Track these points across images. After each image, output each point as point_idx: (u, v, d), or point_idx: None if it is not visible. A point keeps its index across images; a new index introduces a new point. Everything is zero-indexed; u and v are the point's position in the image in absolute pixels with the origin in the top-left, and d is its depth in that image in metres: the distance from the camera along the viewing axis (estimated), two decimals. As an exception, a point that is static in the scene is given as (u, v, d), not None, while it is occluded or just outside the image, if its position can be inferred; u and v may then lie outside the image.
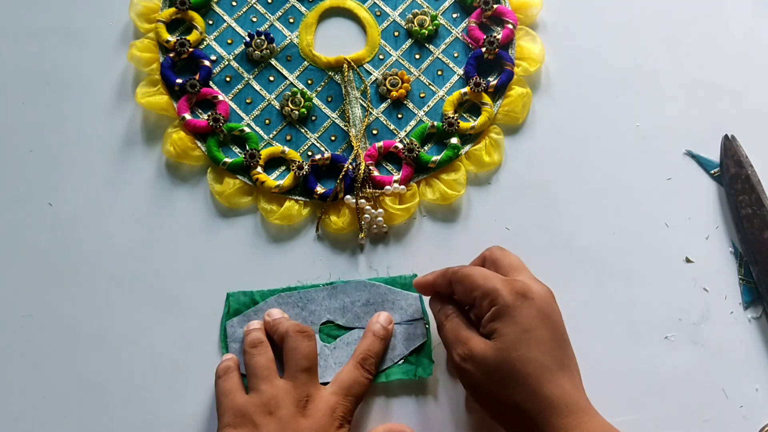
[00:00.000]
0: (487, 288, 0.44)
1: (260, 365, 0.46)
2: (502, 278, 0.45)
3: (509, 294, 0.43)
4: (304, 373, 0.46)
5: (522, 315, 0.43)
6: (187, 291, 0.52)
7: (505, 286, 0.44)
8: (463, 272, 0.46)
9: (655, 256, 0.53)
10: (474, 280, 0.45)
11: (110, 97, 0.57)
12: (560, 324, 0.44)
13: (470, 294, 0.45)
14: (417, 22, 0.58)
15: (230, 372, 0.47)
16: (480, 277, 0.45)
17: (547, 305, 0.44)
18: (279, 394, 0.45)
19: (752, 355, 0.51)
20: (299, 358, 0.46)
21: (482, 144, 0.56)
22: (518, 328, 0.42)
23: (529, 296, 0.43)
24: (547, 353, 0.42)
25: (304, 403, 0.45)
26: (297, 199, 0.54)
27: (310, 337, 0.48)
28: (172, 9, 0.58)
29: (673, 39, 0.59)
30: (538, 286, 0.44)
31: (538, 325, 0.43)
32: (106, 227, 0.54)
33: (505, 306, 0.43)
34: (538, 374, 0.41)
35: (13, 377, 0.51)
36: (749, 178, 0.54)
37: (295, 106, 0.56)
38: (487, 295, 0.44)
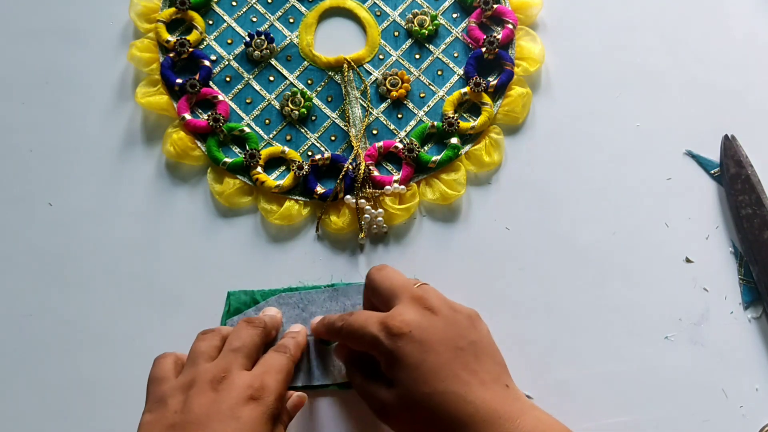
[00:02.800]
0: (367, 340, 0.43)
1: (195, 349, 0.45)
2: (378, 320, 0.43)
3: (386, 339, 0.42)
4: (232, 353, 0.44)
5: (406, 355, 0.41)
6: (187, 291, 0.52)
7: (381, 331, 0.42)
8: (345, 329, 0.44)
9: (655, 256, 0.53)
10: (354, 333, 0.43)
11: (110, 97, 0.57)
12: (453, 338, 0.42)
13: (358, 347, 0.44)
14: (417, 22, 0.58)
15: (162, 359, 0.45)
16: (358, 328, 0.43)
17: (426, 330, 0.42)
18: (198, 374, 0.42)
19: (752, 355, 0.51)
20: (233, 338, 0.45)
21: (482, 144, 0.56)
22: (409, 369, 0.41)
23: (405, 333, 0.41)
24: (449, 377, 0.40)
25: (219, 379, 0.42)
26: (297, 199, 0.54)
27: (255, 326, 0.46)
28: (172, 9, 0.58)
29: (673, 39, 0.59)
30: (410, 314, 0.42)
31: (426, 358, 0.41)
32: (106, 227, 0.54)
33: (388, 352, 0.41)
34: (449, 402, 0.40)
35: (13, 377, 0.51)
36: (749, 178, 0.54)
37: (295, 106, 0.56)
38: (371, 346, 0.43)
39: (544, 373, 0.51)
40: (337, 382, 0.50)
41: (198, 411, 0.40)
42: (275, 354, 0.45)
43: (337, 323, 0.45)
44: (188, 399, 0.41)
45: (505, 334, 0.51)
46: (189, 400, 0.41)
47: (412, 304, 0.43)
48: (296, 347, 0.47)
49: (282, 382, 0.43)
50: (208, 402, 0.41)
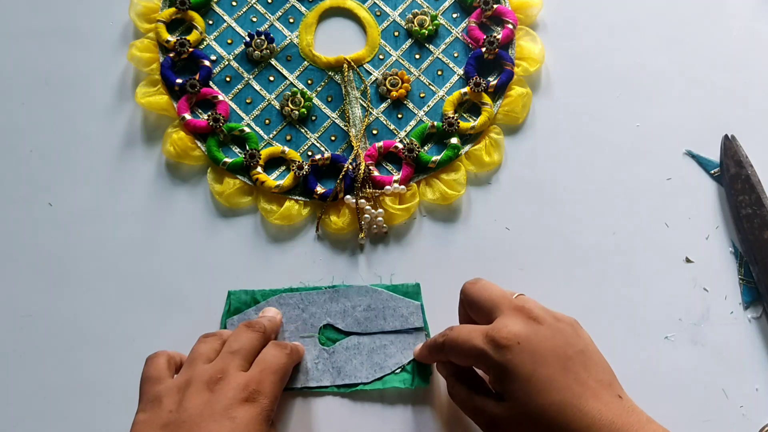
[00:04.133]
0: (474, 353, 0.41)
1: (195, 351, 0.45)
2: (483, 333, 0.42)
3: (494, 352, 0.40)
4: (230, 355, 0.44)
5: (516, 366, 0.40)
6: (187, 291, 0.52)
7: (488, 343, 0.41)
8: (448, 344, 0.43)
9: (655, 256, 0.53)
10: (459, 348, 0.42)
11: (110, 97, 0.57)
12: (561, 347, 0.41)
13: (467, 364, 0.43)
14: (417, 22, 0.58)
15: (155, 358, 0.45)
16: (463, 341, 0.42)
17: (534, 340, 0.41)
18: (195, 374, 0.43)
19: (752, 355, 0.51)
20: (232, 341, 0.45)
21: (482, 144, 0.56)
22: (521, 381, 0.40)
23: (513, 345, 0.40)
24: (562, 388, 0.39)
25: (215, 380, 0.42)
26: (297, 199, 0.54)
27: (255, 330, 0.46)
28: (172, 9, 0.58)
29: (673, 39, 0.59)
30: (515, 325, 0.41)
31: (537, 369, 0.40)
32: (106, 227, 0.54)
33: (498, 366, 0.40)
34: (565, 414, 0.39)
35: (13, 377, 0.51)
36: (749, 178, 0.54)
37: (295, 106, 0.56)
38: (478, 360, 0.42)
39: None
40: (335, 384, 0.50)
41: (193, 411, 0.40)
42: (275, 350, 0.45)
43: (439, 339, 0.44)
44: (184, 399, 0.41)
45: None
46: (184, 399, 0.41)
47: (515, 314, 0.42)
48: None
49: (278, 383, 0.43)
50: (204, 402, 0.41)
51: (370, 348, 0.50)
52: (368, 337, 0.51)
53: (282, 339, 0.51)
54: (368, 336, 0.51)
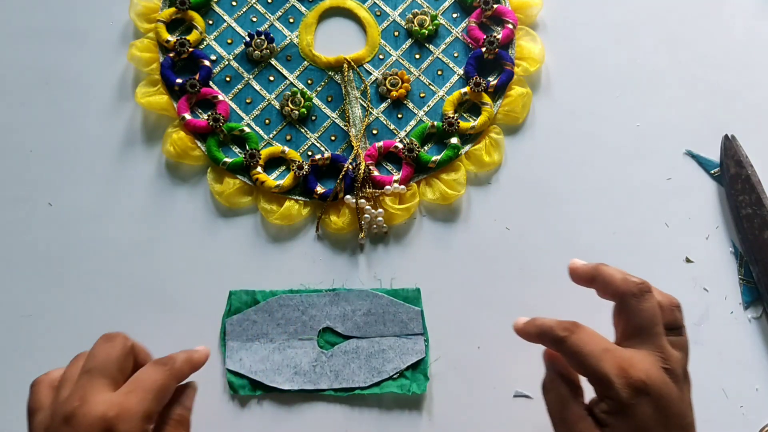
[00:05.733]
0: (599, 376, 0.39)
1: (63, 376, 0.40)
2: (618, 361, 0.39)
3: (624, 388, 0.38)
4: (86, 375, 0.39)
5: (637, 415, 0.38)
6: (187, 291, 0.52)
7: (620, 377, 0.38)
8: (570, 345, 0.40)
9: (655, 256, 0.53)
10: (584, 361, 0.39)
11: (110, 97, 0.57)
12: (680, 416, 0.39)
13: (581, 373, 0.40)
14: (417, 22, 0.58)
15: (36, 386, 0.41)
16: (588, 355, 0.39)
17: (664, 398, 0.38)
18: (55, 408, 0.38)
19: (752, 355, 0.51)
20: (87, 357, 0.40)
21: (482, 144, 0.56)
22: (633, 429, 0.38)
23: (646, 392, 0.38)
24: None
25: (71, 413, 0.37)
26: (297, 199, 0.54)
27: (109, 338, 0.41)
28: (172, 9, 0.58)
29: (673, 39, 0.59)
30: (654, 370, 0.39)
31: (656, 426, 0.38)
32: (106, 227, 0.54)
33: (619, 403, 0.38)
34: None
35: (13, 377, 0.51)
36: (749, 178, 0.54)
37: (295, 106, 0.56)
38: (600, 384, 0.39)
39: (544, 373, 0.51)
40: (333, 387, 0.50)
41: None
42: (151, 367, 0.40)
43: (559, 332, 0.41)
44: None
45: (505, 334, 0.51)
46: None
47: (656, 358, 0.39)
48: (185, 362, 0.42)
49: (152, 400, 0.38)
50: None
51: (368, 352, 0.50)
52: (367, 341, 0.51)
53: (281, 341, 0.51)
54: (367, 340, 0.51)
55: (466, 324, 0.52)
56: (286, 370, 0.50)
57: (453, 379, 0.51)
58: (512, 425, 0.50)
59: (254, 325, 0.51)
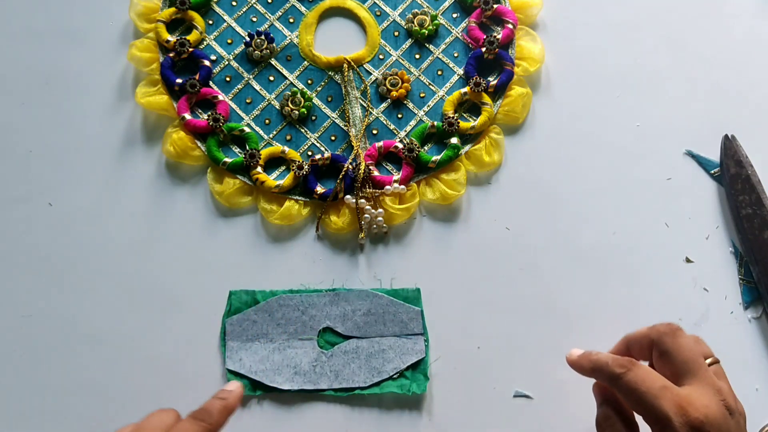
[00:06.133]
0: (657, 414, 0.38)
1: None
2: (676, 397, 0.39)
3: (683, 427, 0.38)
4: None
5: None
6: (187, 291, 0.52)
7: (678, 416, 0.38)
8: (627, 383, 0.40)
9: (655, 256, 0.53)
10: (641, 399, 0.39)
11: (110, 97, 0.57)
12: None
13: (637, 411, 0.40)
14: (417, 22, 0.58)
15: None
16: (647, 392, 0.39)
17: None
18: None
19: (752, 355, 0.51)
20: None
21: (482, 144, 0.56)
22: None
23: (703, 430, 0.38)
24: None
25: None
26: (297, 199, 0.54)
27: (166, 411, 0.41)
28: (172, 9, 0.58)
29: (673, 39, 0.59)
30: (712, 407, 0.39)
31: None
32: (106, 227, 0.54)
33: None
34: None
35: (13, 377, 0.51)
36: (749, 178, 0.54)
37: (295, 106, 0.56)
38: (658, 423, 0.39)
39: (544, 373, 0.51)
40: (333, 387, 0.50)
41: None
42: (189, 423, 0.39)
43: (615, 369, 0.41)
44: None
45: (505, 334, 0.51)
46: None
47: (712, 394, 0.40)
48: (221, 412, 0.41)
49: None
50: None
51: (368, 352, 0.50)
52: (367, 341, 0.51)
53: (281, 341, 0.51)
54: (367, 340, 0.51)
55: (466, 324, 0.52)
56: (286, 370, 0.50)
57: (453, 379, 0.51)
58: (512, 425, 0.50)
59: (254, 325, 0.51)
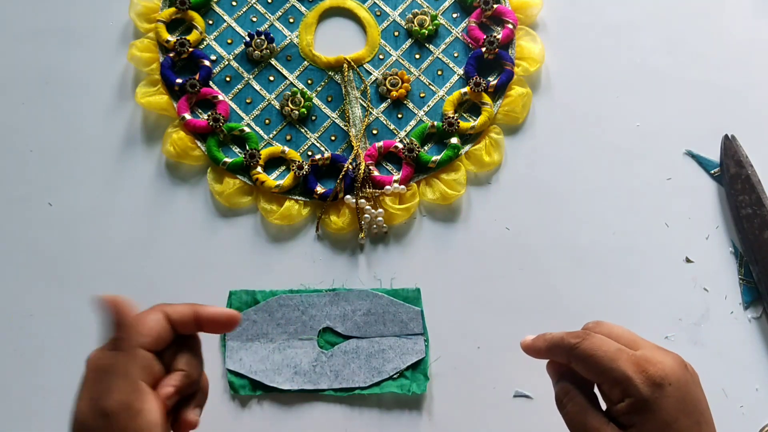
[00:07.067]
0: (617, 376, 0.38)
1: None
2: (633, 359, 0.39)
3: (644, 385, 0.38)
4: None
5: (661, 408, 0.37)
6: (187, 291, 0.52)
7: (638, 373, 0.38)
8: (584, 350, 0.40)
9: (655, 256, 0.53)
10: (599, 363, 0.39)
11: (110, 97, 0.57)
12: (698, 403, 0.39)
13: (596, 378, 0.40)
14: (417, 22, 0.58)
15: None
16: (604, 357, 0.39)
17: (684, 386, 0.39)
18: None
19: (752, 355, 0.51)
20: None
21: (482, 144, 0.56)
22: (658, 424, 0.37)
23: (666, 384, 0.38)
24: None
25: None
26: (297, 199, 0.54)
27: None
28: (172, 9, 0.58)
29: (673, 39, 0.59)
30: (669, 362, 0.39)
31: (679, 417, 0.38)
32: (106, 227, 0.54)
33: (641, 399, 0.38)
34: None
35: (13, 377, 0.51)
36: (749, 178, 0.54)
37: (295, 106, 0.56)
38: (618, 384, 0.38)
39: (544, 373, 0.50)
40: (333, 387, 0.50)
41: None
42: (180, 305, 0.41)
43: (570, 340, 0.40)
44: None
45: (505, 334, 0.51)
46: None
47: (666, 352, 0.40)
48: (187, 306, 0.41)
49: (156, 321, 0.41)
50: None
51: (368, 352, 0.50)
52: (367, 341, 0.51)
53: (281, 341, 0.51)
54: (367, 340, 0.51)
55: (466, 324, 0.52)
56: (286, 370, 0.50)
57: (453, 379, 0.51)
58: (512, 425, 0.50)
59: (254, 325, 0.51)
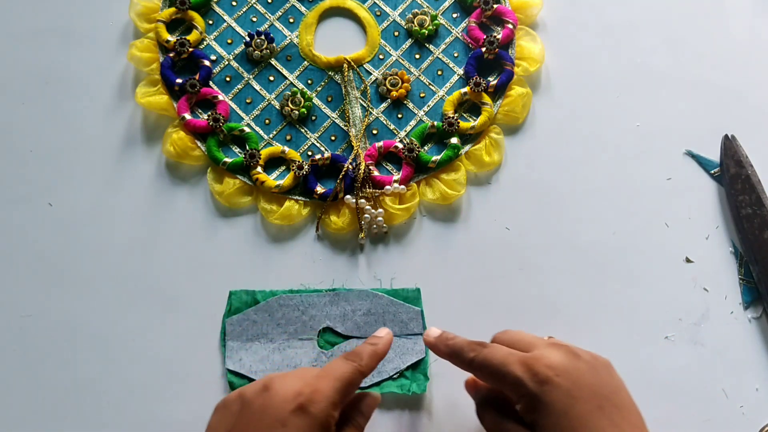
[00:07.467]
0: (509, 380, 0.40)
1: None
2: (521, 360, 0.41)
3: (532, 382, 0.39)
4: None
5: (553, 401, 0.39)
6: (187, 291, 0.52)
7: (526, 372, 0.40)
8: (479, 361, 0.42)
9: (655, 256, 0.53)
10: (494, 371, 0.41)
11: (110, 97, 0.57)
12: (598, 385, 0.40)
13: (495, 385, 0.42)
14: (417, 22, 0.58)
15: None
16: (498, 364, 0.41)
17: (572, 375, 0.40)
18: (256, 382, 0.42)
19: (752, 355, 0.51)
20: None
21: (482, 144, 0.56)
22: (555, 416, 0.39)
23: (552, 378, 0.39)
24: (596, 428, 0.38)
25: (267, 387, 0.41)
26: (297, 199, 0.54)
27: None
28: (172, 9, 0.58)
29: (673, 39, 0.59)
30: (555, 356, 0.41)
31: (573, 404, 0.39)
32: (106, 227, 0.54)
33: (533, 397, 0.39)
34: None
35: (13, 377, 0.51)
36: (749, 178, 0.54)
37: (295, 106, 0.56)
38: (512, 387, 0.40)
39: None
40: None
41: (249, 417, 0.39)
42: (341, 361, 0.43)
43: (468, 353, 0.43)
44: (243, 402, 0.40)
45: (505, 334, 0.51)
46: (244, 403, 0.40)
47: (555, 347, 0.41)
48: (371, 356, 0.44)
49: (339, 390, 0.41)
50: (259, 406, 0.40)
51: None
52: None
53: (281, 341, 0.51)
54: None
55: (466, 324, 0.52)
56: (285, 370, 0.50)
57: (453, 379, 0.50)
58: (512, 425, 0.50)
59: (254, 325, 0.51)
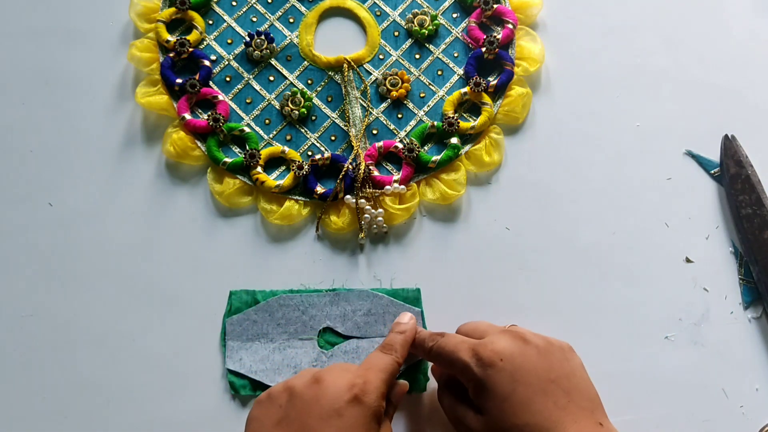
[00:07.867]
0: (457, 366, 0.43)
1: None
2: (471, 346, 0.43)
3: (477, 367, 0.41)
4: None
5: (496, 384, 0.41)
6: (187, 291, 0.52)
7: (472, 358, 0.42)
8: (435, 349, 0.45)
9: (655, 256, 0.53)
10: (446, 358, 0.44)
11: (110, 97, 0.57)
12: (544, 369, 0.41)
13: (450, 371, 0.44)
14: (417, 22, 0.58)
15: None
16: (449, 351, 0.43)
17: (517, 359, 0.41)
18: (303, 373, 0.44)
19: (752, 355, 0.51)
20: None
21: (482, 144, 0.56)
22: (498, 399, 0.40)
23: (497, 362, 0.41)
24: (539, 410, 0.40)
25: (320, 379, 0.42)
26: (297, 199, 0.54)
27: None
28: (172, 9, 0.58)
29: (673, 39, 0.59)
30: (502, 342, 0.42)
31: (516, 388, 0.40)
32: (106, 227, 0.54)
33: (478, 381, 0.41)
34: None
35: (13, 377, 0.51)
36: (749, 178, 0.54)
37: (295, 106, 0.56)
38: (461, 372, 0.42)
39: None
40: None
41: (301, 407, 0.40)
42: (380, 354, 0.45)
43: (428, 343, 0.45)
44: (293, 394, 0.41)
45: (505, 334, 0.51)
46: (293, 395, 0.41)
47: (505, 333, 0.43)
48: (403, 345, 0.46)
49: (385, 381, 0.43)
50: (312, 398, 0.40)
51: (368, 352, 0.50)
52: (367, 341, 0.51)
53: (281, 341, 0.51)
54: (367, 340, 0.51)
55: (466, 324, 0.52)
56: (286, 370, 0.50)
57: (453, 379, 0.51)
58: (512, 425, 0.50)
59: (254, 325, 0.51)
